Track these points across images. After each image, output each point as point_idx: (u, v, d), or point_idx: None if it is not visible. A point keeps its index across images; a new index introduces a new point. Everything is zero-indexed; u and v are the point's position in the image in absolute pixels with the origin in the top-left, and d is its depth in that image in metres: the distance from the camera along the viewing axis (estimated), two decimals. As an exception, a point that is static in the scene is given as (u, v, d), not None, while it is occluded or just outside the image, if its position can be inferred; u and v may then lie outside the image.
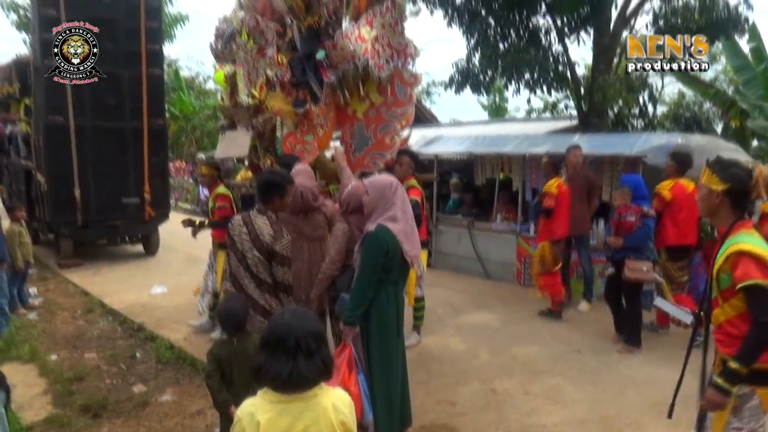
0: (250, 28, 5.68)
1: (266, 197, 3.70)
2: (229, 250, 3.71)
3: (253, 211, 3.70)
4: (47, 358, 5.49)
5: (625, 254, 5.30)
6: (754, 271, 2.25)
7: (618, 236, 5.37)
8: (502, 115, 24.75)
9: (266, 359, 1.85)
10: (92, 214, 9.21)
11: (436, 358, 5.33)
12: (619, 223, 5.41)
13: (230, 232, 3.67)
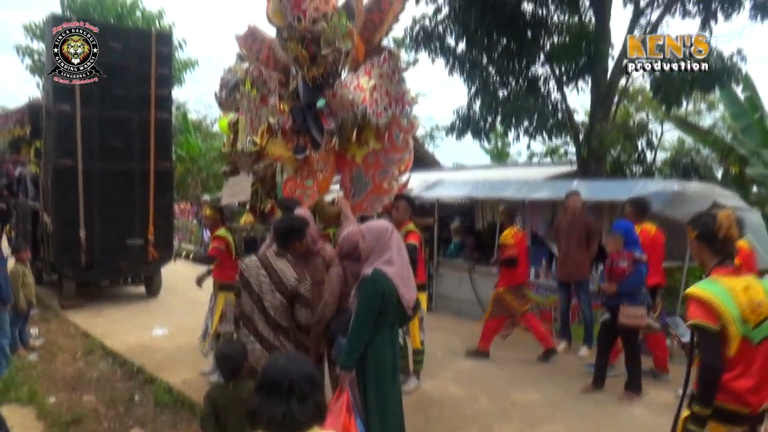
0: (254, 77, 5.89)
1: (287, 241, 3.77)
2: (243, 292, 3.71)
3: (269, 254, 3.74)
4: (46, 400, 5.48)
5: (619, 300, 5.33)
6: (694, 311, 2.44)
7: (611, 282, 5.41)
8: (504, 159, 25.05)
9: (261, 402, 1.89)
10: (96, 255, 9.28)
11: (436, 403, 5.31)
12: (612, 270, 5.45)
13: (245, 274, 3.69)
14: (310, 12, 5.44)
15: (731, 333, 2.37)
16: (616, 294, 5.36)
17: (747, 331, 2.37)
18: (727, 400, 2.39)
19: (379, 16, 5.59)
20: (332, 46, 5.31)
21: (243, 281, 3.71)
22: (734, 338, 2.38)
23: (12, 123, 11.46)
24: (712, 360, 2.40)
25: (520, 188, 8.44)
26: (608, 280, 5.47)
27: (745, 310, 2.38)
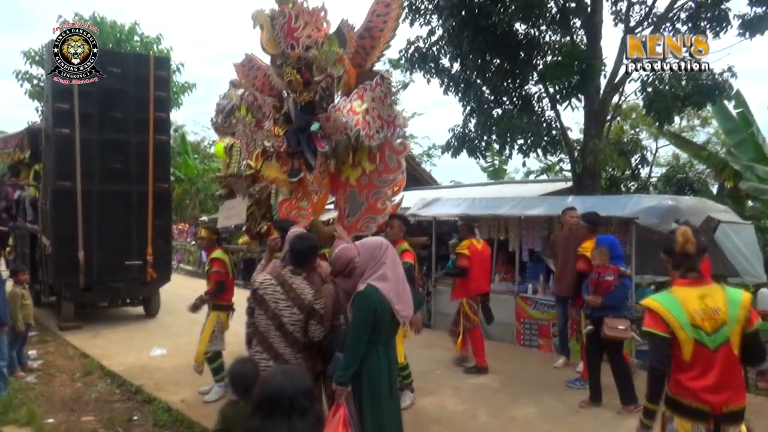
0: (249, 103, 6.02)
1: (306, 260, 3.82)
2: (257, 310, 3.72)
3: (285, 272, 3.78)
4: (44, 421, 5.47)
5: (604, 313, 5.41)
6: (647, 319, 2.73)
7: (597, 295, 5.49)
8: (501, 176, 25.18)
9: (262, 422, 1.91)
10: (95, 277, 9.30)
11: (434, 419, 5.31)
12: (597, 283, 5.53)
13: (260, 291, 3.70)
14: (302, 39, 5.60)
15: (681, 338, 2.61)
16: (601, 306, 5.45)
17: (699, 337, 2.59)
18: (688, 398, 2.64)
19: (371, 42, 5.74)
20: (324, 72, 5.45)
21: (257, 299, 3.71)
22: (686, 343, 2.61)
23: (11, 147, 11.55)
24: (657, 362, 2.72)
25: (515, 205, 8.53)
26: (593, 293, 5.54)
27: (695, 317, 2.60)
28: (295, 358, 3.66)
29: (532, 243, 8.27)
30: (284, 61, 5.80)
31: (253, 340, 3.76)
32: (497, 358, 7.33)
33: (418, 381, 5.87)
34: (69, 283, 9.21)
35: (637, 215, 7.01)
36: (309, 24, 5.67)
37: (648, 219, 6.94)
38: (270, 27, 5.86)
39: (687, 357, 2.62)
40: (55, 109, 9.08)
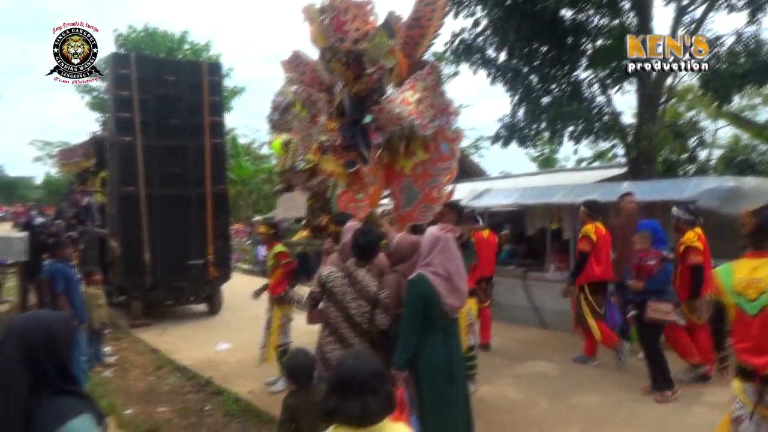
0: (303, 99, 6.16)
1: (370, 253, 3.96)
2: (325, 301, 3.90)
3: (350, 264, 3.93)
4: (123, 412, 5.81)
5: (647, 296, 5.42)
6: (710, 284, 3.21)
7: (639, 280, 5.50)
8: (552, 165, 24.81)
9: (337, 401, 2.04)
10: (160, 277, 9.74)
11: (495, 406, 5.37)
12: (639, 267, 5.52)
13: (328, 284, 3.87)
14: (351, 33, 5.68)
15: (726, 302, 2.99)
16: (643, 291, 5.45)
17: (740, 303, 2.90)
18: (737, 358, 2.96)
19: (420, 31, 5.78)
20: (377, 64, 5.52)
21: (326, 291, 3.88)
22: (730, 307, 2.98)
23: (78, 156, 12.20)
24: (711, 317, 3.24)
25: (569, 192, 8.43)
26: (636, 278, 5.55)
27: (738, 285, 2.91)
28: (363, 347, 3.81)
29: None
30: (333, 55, 5.92)
31: (324, 330, 3.92)
32: (555, 347, 7.32)
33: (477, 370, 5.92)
34: (137, 284, 9.68)
35: (698, 198, 6.83)
36: (357, 17, 5.73)
37: (709, 202, 6.75)
38: (319, 21, 6.00)
39: (732, 320, 2.99)
40: (118, 118, 9.55)
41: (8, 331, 1.70)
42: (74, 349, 6.22)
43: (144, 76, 9.66)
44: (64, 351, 1.76)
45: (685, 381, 5.74)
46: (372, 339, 3.87)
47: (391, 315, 3.94)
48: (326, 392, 2.12)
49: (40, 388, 1.66)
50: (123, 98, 9.50)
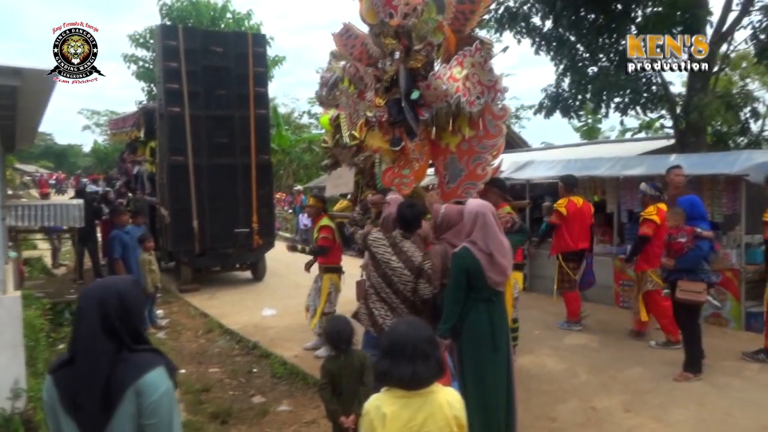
0: (351, 74, 6.19)
1: (414, 226, 4.11)
2: (370, 263, 4.10)
3: (395, 235, 4.08)
4: (178, 371, 6.14)
5: (678, 275, 5.27)
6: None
7: (669, 257, 5.37)
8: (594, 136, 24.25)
9: (389, 365, 2.16)
10: (208, 244, 10.09)
11: (534, 376, 5.47)
12: (669, 244, 5.40)
13: (372, 247, 4.08)
14: (401, 7, 5.66)
15: None
16: (675, 269, 5.31)
17: None
18: None
19: (470, 7, 5.69)
20: (424, 40, 5.51)
21: (370, 253, 4.08)
22: None
23: (129, 126, 12.57)
24: None
25: (613, 165, 8.31)
26: (666, 256, 5.43)
27: None
28: (409, 312, 3.95)
29: (632, 204, 8.06)
30: (382, 30, 5.92)
31: (370, 290, 4.12)
32: (595, 320, 7.34)
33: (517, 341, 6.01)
34: (186, 250, 10.06)
35: (748, 172, 6.67)
36: (407, -10, 5.72)
37: (760, 176, 6.58)
38: None
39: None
40: (167, 89, 9.80)
41: (86, 301, 1.85)
42: (145, 310, 6.60)
43: (191, 48, 9.85)
44: (137, 314, 1.91)
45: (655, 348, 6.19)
46: (415, 306, 4.01)
47: (435, 285, 4.07)
48: (380, 356, 2.23)
49: (120, 348, 1.82)
50: (171, 69, 9.73)
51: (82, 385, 1.76)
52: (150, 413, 1.79)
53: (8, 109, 5.65)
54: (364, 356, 3.76)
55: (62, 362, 1.83)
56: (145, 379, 1.79)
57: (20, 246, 10.00)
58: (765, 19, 9.09)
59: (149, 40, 21.22)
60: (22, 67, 4.33)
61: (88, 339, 1.79)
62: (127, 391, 1.76)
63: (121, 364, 1.79)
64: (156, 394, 1.80)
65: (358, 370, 3.64)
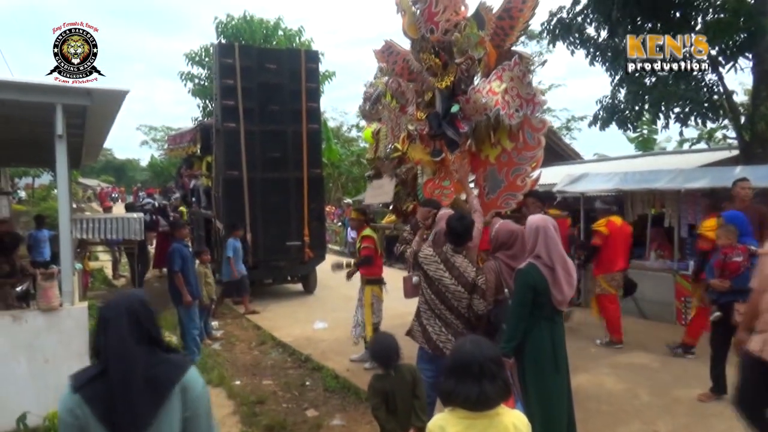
0: (393, 89, 6.30)
1: (465, 239, 4.06)
2: (423, 282, 4.06)
3: (446, 250, 4.03)
4: (233, 383, 6.24)
5: (733, 297, 4.85)
6: None
7: (724, 278, 5.00)
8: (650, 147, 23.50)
9: (455, 384, 2.11)
10: (261, 256, 10.27)
11: (593, 396, 5.30)
12: (724, 264, 5.02)
13: (423, 265, 4.02)
14: (442, 23, 5.75)
15: None
16: (729, 290, 4.93)
17: None
18: None
19: (510, 23, 5.72)
20: (465, 54, 5.55)
21: (422, 272, 4.02)
22: None
23: (186, 142, 12.98)
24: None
25: (674, 177, 8.03)
26: (720, 276, 5.05)
27: None
28: (464, 328, 3.90)
29: (693, 218, 7.77)
30: (423, 45, 6.00)
31: (423, 306, 4.07)
32: (655, 338, 7.08)
33: (572, 359, 5.81)
34: (240, 263, 10.23)
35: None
36: (448, 8, 5.80)
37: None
38: (412, 12, 6.09)
39: None
40: (223, 105, 10.08)
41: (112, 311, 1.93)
42: (189, 322, 6.75)
43: (247, 65, 10.11)
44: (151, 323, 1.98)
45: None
46: (470, 322, 3.95)
47: (489, 301, 4.00)
48: (445, 374, 2.17)
49: (153, 351, 1.93)
50: (228, 86, 10.01)
51: (122, 391, 1.82)
52: (195, 406, 1.94)
53: (77, 128, 5.93)
54: (413, 368, 3.74)
55: (90, 377, 1.88)
56: (188, 375, 1.94)
57: (85, 257, 10.43)
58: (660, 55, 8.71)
59: (204, 58, 21.91)
60: (93, 88, 4.54)
61: (120, 346, 1.87)
62: (174, 387, 1.89)
63: (161, 365, 1.91)
64: (198, 389, 1.96)
65: (410, 384, 3.59)
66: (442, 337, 3.95)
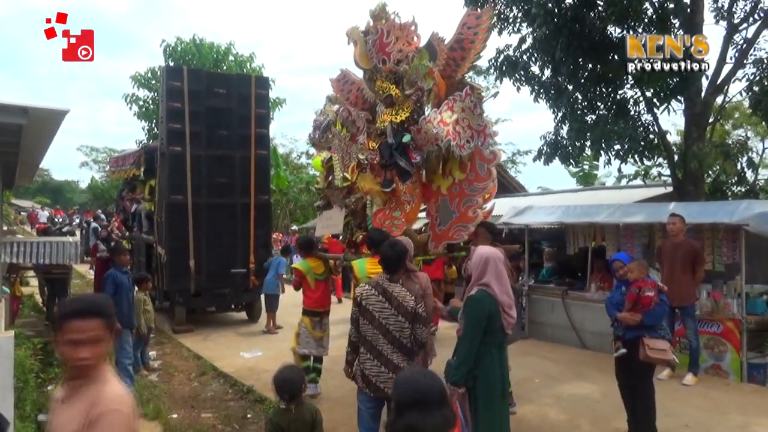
0: (344, 118, 6.32)
1: (398, 266, 4.01)
2: (361, 319, 3.94)
3: (381, 281, 3.97)
4: (169, 416, 5.97)
5: (640, 333, 4.81)
6: None
7: (635, 312, 4.90)
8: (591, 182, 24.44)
9: (417, 417, 2.01)
10: (204, 283, 9.98)
11: (535, 428, 5.35)
12: (638, 298, 4.91)
13: (363, 302, 3.90)
14: (394, 54, 5.83)
15: None
16: (639, 325, 4.84)
17: None
18: None
19: (461, 54, 5.88)
20: (415, 85, 5.65)
21: (361, 309, 3.92)
22: None
23: (129, 164, 12.59)
24: None
25: (613, 212, 8.34)
26: (631, 310, 4.93)
27: None
28: (402, 362, 3.87)
29: (632, 251, 8.05)
30: (376, 75, 6.07)
31: (361, 347, 3.97)
32: (596, 368, 7.21)
33: (516, 389, 5.89)
34: (181, 289, 9.94)
35: (748, 222, 6.69)
36: (400, 38, 5.90)
37: (760, 225, 6.62)
38: (363, 43, 6.16)
39: None
40: (169, 129, 9.87)
41: None
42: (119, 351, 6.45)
43: (195, 89, 9.97)
44: None
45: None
46: (411, 352, 3.92)
47: (429, 327, 4.01)
48: (401, 411, 2.06)
49: None
50: (175, 109, 9.82)
51: None
52: None
53: (12, 146, 5.66)
54: (315, 410, 3.67)
55: None
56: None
57: (16, 282, 9.86)
58: (758, 72, 9.28)
59: (151, 81, 21.49)
60: (30, 106, 4.35)
61: None
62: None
63: None
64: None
65: (309, 425, 3.52)
66: (381, 378, 3.87)
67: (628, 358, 4.90)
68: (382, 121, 5.97)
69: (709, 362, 6.95)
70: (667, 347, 4.82)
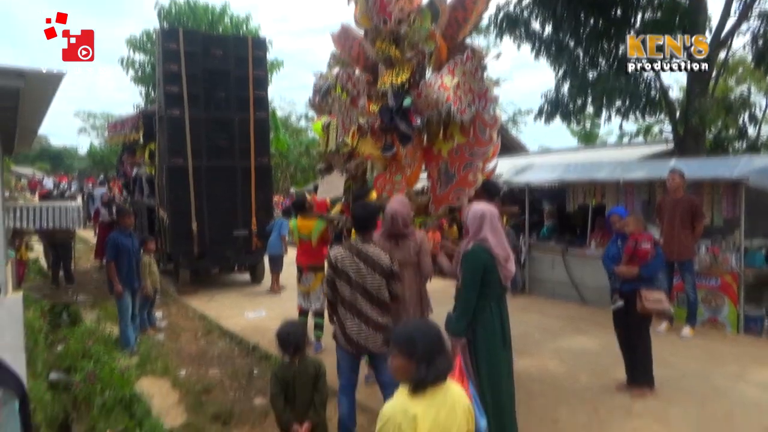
0: (344, 82, 6.23)
1: (368, 226, 4.10)
2: (338, 281, 3.99)
3: (356, 242, 4.05)
4: (177, 373, 6.12)
5: (637, 285, 4.92)
6: None
7: (632, 265, 4.99)
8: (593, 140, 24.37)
9: (443, 360, 2.16)
10: (207, 246, 10.07)
11: (536, 379, 5.48)
12: (635, 251, 4.99)
13: (339, 265, 3.95)
14: (395, 13, 5.69)
15: None
16: (637, 278, 4.94)
17: None
18: None
19: (463, 14, 5.72)
20: (416, 48, 5.55)
21: (337, 271, 3.98)
22: None
23: (127, 129, 12.53)
24: None
25: (613, 169, 8.34)
26: (627, 263, 5.02)
27: None
28: (382, 318, 4.00)
29: (632, 208, 8.09)
30: (377, 35, 5.97)
31: (340, 308, 4.05)
32: (595, 323, 7.34)
33: (517, 344, 5.96)
34: (185, 252, 10.03)
35: (748, 177, 6.70)
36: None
37: (761, 180, 6.63)
38: (363, 1, 6.03)
39: None
40: (167, 92, 9.78)
41: None
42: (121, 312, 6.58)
43: (192, 50, 9.85)
44: None
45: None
46: (387, 307, 4.03)
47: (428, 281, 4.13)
48: (428, 362, 2.13)
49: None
50: (172, 72, 9.72)
51: None
52: None
53: (10, 111, 5.63)
54: (318, 363, 3.75)
55: None
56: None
57: (22, 247, 9.96)
58: (763, 25, 9.15)
59: (147, 44, 21.22)
60: (26, 69, 4.32)
61: None
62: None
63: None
64: None
65: (312, 377, 3.61)
66: (362, 334, 3.98)
67: (625, 310, 5.03)
68: (383, 82, 5.89)
69: (706, 316, 7.06)
70: (663, 298, 4.95)
